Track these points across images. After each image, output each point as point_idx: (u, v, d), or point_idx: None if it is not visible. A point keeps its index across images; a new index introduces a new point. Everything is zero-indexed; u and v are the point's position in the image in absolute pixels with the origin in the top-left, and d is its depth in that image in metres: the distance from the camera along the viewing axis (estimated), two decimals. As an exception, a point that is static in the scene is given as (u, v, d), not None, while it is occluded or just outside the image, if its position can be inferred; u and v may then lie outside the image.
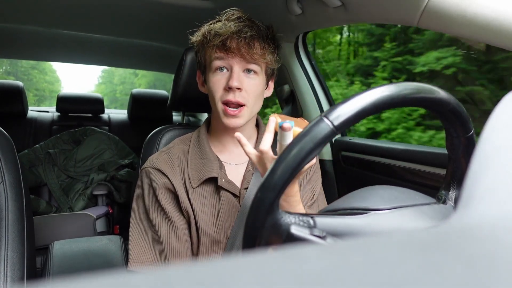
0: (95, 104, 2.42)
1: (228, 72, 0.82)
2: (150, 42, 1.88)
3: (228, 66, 0.82)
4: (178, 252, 0.83)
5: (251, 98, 0.83)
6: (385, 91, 0.43)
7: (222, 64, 0.82)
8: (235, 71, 0.81)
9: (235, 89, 0.80)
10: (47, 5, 1.36)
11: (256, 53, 0.81)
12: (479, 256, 0.15)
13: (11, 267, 0.83)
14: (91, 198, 2.04)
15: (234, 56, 0.80)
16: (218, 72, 0.82)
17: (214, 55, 0.82)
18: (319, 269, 0.14)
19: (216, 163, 0.87)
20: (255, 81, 0.83)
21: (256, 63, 0.82)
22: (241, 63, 0.81)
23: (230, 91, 0.81)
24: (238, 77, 0.81)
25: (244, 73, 0.82)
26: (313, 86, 1.43)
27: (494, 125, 0.25)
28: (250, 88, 0.82)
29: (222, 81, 0.82)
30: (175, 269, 0.14)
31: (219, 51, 0.81)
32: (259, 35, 0.82)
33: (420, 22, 0.78)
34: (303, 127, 0.44)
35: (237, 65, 0.81)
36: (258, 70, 0.84)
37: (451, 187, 0.56)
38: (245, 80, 0.82)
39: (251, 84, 0.83)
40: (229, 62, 0.81)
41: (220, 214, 0.84)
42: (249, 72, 0.83)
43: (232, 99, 0.80)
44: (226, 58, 0.81)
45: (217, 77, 0.82)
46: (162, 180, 0.85)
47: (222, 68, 0.82)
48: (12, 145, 0.93)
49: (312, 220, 0.46)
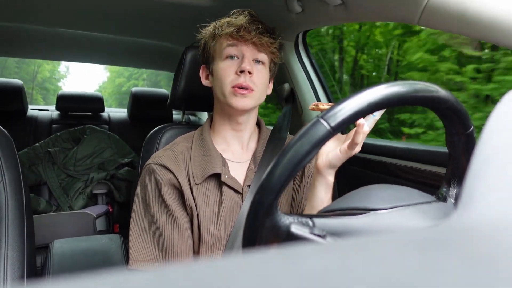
0: (95, 102, 2.42)
1: (238, 60, 0.87)
2: (150, 41, 1.88)
3: (240, 54, 0.86)
4: (180, 249, 0.83)
5: (259, 85, 0.87)
6: (382, 90, 0.43)
7: (234, 52, 0.86)
8: (247, 57, 0.86)
9: (246, 73, 0.84)
10: (48, 4, 1.36)
11: (267, 42, 0.86)
12: (479, 256, 0.15)
13: (11, 266, 0.83)
14: (91, 197, 2.04)
15: (246, 43, 0.86)
16: (228, 60, 0.87)
17: (226, 43, 0.86)
18: (319, 268, 0.14)
19: (219, 160, 0.88)
20: (262, 71, 0.89)
21: (265, 53, 0.88)
22: (252, 51, 0.87)
23: (241, 75, 0.85)
24: (250, 62, 0.86)
25: (254, 62, 0.87)
26: (313, 84, 1.43)
27: (494, 124, 0.25)
28: (258, 76, 0.87)
29: (233, 67, 0.86)
30: (175, 268, 0.14)
31: (231, 38, 0.86)
32: (267, 31, 0.88)
33: (420, 21, 0.78)
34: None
35: (248, 53, 0.86)
36: (265, 61, 0.89)
37: (452, 185, 0.56)
38: (255, 67, 0.87)
39: (260, 72, 0.88)
40: (241, 49, 0.86)
41: (222, 210, 0.85)
42: (258, 62, 0.88)
43: (243, 82, 0.84)
44: (239, 45, 0.86)
45: (227, 63, 0.87)
46: (167, 176, 0.85)
47: (233, 56, 0.87)
48: (12, 143, 0.93)
49: (311, 221, 0.45)
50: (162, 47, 1.98)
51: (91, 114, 2.45)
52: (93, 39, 1.86)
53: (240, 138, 0.93)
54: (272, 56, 0.90)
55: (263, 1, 1.16)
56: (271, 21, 0.89)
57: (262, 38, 0.86)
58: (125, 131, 2.44)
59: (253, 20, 0.87)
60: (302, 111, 1.45)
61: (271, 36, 0.88)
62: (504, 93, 0.29)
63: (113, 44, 2.00)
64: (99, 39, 1.86)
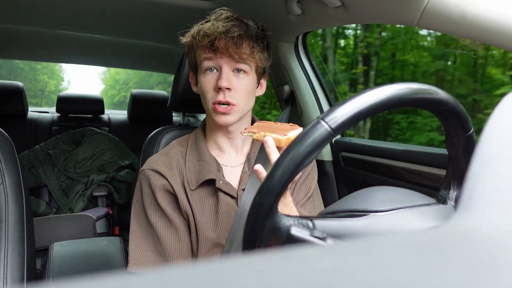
0: (95, 104, 2.42)
1: (217, 72, 0.83)
2: (150, 43, 1.88)
3: (217, 66, 0.82)
4: (178, 253, 0.83)
5: (241, 98, 0.83)
6: (383, 92, 0.43)
7: (211, 65, 0.82)
8: (224, 71, 0.81)
9: (224, 89, 0.81)
10: (47, 6, 1.37)
11: (244, 53, 0.81)
12: (479, 258, 0.15)
13: (11, 269, 0.83)
14: (91, 199, 2.04)
15: (222, 56, 0.81)
16: (208, 73, 0.83)
17: (203, 56, 0.82)
18: (320, 270, 0.14)
19: (214, 165, 0.87)
20: (244, 80, 0.84)
21: (245, 63, 0.83)
22: (230, 63, 0.82)
23: (220, 91, 0.81)
24: (227, 77, 0.81)
25: (234, 73, 0.83)
26: (313, 86, 1.43)
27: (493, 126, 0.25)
28: (239, 88, 0.83)
29: (212, 82, 0.82)
30: (174, 270, 0.14)
31: (207, 51, 0.81)
32: (247, 34, 0.82)
33: (420, 23, 0.78)
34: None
35: (226, 65, 0.82)
36: (247, 69, 0.84)
37: (452, 187, 0.56)
38: (234, 80, 0.83)
39: (241, 83, 0.83)
40: (218, 62, 0.82)
41: (219, 216, 0.84)
42: (239, 71, 0.83)
43: (221, 99, 0.81)
44: (214, 58, 0.81)
45: (207, 77, 0.83)
46: (161, 182, 0.85)
47: (212, 68, 0.83)
48: (12, 146, 0.93)
49: (311, 223, 0.45)
50: (162, 49, 1.98)
51: (91, 116, 2.45)
52: (93, 41, 1.86)
53: (234, 143, 0.92)
54: (255, 62, 0.84)
55: (262, 3, 1.16)
56: (270, 23, 0.88)
57: (240, 49, 0.80)
58: (125, 133, 2.44)
59: (231, 26, 0.80)
60: (302, 113, 1.45)
61: (252, 42, 0.82)
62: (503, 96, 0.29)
63: (113, 46, 2.01)
64: (99, 41, 1.87)
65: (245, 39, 0.81)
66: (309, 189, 0.94)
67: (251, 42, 0.82)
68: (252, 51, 0.82)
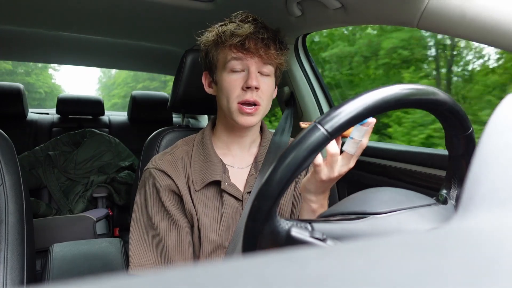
0: (95, 106, 2.42)
1: (244, 73, 0.83)
2: (150, 44, 1.88)
3: (245, 67, 0.83)
4: (180, 254, 0.82)
5: (265, 99, 0.84)
6: (379, 94, 0.43)
7: (239, 64, 0.82)
8: (253, 71, 0.82)
9: (253, 89, 0.81)
10: (47, 7, 1.37)
11: (273, 54, 0.82)
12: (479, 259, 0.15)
13: (11, 270, 0.83)
14: (91, 200, 2.04)
15: (252, 56, 0.81)
16: (234, 72, 0.83)
17: (231, 55, 0.82)
18: (320, 271, 0.14)
19: (220, 166, 0.86)
20: (269, 82, 0.85)
21: (271, 65, 0.84)
22: (258, 64, 0.82)
23: (247, 91, 0.81)
24: (256, 77, 0.82)
25: (259, 74, 0.84)
26: (313, 87, 1.43)
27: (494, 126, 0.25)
28: (265, 89, 0.84)
29: (239, 81, 0.82)
30: (175, 272, 0.14)
31: (236, 51, 0.81)
32: (274, 37, 0.83)
33: (419, 24, 0.78)
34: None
35: (253, 66, 0.82)
36: (271, 72, 0.85)
37: (452, 187, 0.56)
38: (261, 81, 0.83)
39: (266, 84, 0.84)
40: (246, 62, 0.82)
41: (223, 218, 0.84)
42: (263, 74, 0.84)
43: (250, 98, 0.81)
44: (244, 58, 0.82)
45: (233, 77, 0.83)
46: (166, 182, 0.84)
47: (238, 68, 0.83)
48: (12, 147, 0.93)
49: (310, 226, 0.45)
50: (162, 50, 1.98)
51: (91, 117, 2.46)
52: (93, 42, 1.86)
53: (242, 144, 0.91)
54: (278, 65, 0.86)
55: (263, 4, 1.17)
56: (270, 24, 0.89)
57: (269, 50, 0.81)
58: (125, 134, 2.44)
59: (259, 28, 0.82)
60: (302, 115, 1.45)
61: (278, 44, 0.84)
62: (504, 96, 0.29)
63: (113, 47, 2.01)
64: (99, 42, 1.87)
65: (272, 42, 0.83)
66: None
67: (277, 45, 0.84)
68: (278, 54, 0.84)
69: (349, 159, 0.69)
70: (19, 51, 2.08)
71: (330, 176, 0.68)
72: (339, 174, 0.69)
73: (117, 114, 2.76)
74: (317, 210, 0.73)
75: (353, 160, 0.69)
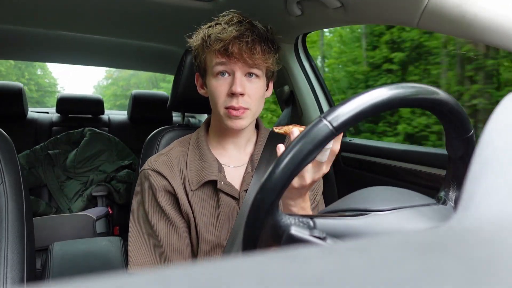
0: (95, 105, 2.42)
1: (229, 77, 0.81)
2: (150, 43, 1.88)
3: (230, 71, 0.81)
4: (178, 254, 0.83)
5: (254, 102, 0.83)
6: (384, 92, 0.43)
7: (224, 69, 0.81)
8: (237, 77, 0.80)
9: (238, 95, 0.80)
10: (47, 6, 1.37)
11: (258, 57, 0.80)
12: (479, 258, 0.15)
13: (11, 268, 0.83)
14: (91, 199, 2.04)
15: (236, 61, 0.80)
16: (219, 77, 0.82)
17: (215, 60, 0.81)
18: (319, 270, 0.14)
19: (216, 165, 0.86)
20: (257, 84, 0.83)
21: (257, 67, 0.82)
22: (243, 68, 0.81)
23: (233, 97, 0.80)
24: (241, 82, 0.80)
25: (246, 77, 0.82)
26: (313, 87, 1.43)
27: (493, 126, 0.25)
28: (252, 92, 0.82)
29: (224, 86, 0.81)
30: (174, 270, 0.14)
31: (220, 56, 0.80)
32: (260, 38, 0.81)
33: (419, 23, 0.78)
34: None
35: (239, 70, 0.80)
36: (259, 74, 0.83)
37: (451, 188, 0.56)
38: (247, 85, 0.82)
39: (253, 88, 0.82)
40: (231, 67, 0.80)
41: (220, 217, 0.84)
42: (251, 76, 0.82)
43: (235, 105, 0.80)
44: (228, 63, 0.80)
45: (219, 82, 0.82)
46: (161, 183, 0.84)
47: (224, 73, 0.81)
48: (12, 146, 0.93)
49: (311, 221, 0.46)
50: (162, 50, 1.98)
51: (91, 116, 2.46)
52: (93, 41, 1.86)
53: (237, 143, 0.91)
54: (267, 67, 0.84)
55: (262, 4, 1.17)
56: (270, 23, 0.88)
57: (253, 55, 0.79)
58: (125, 133, 2.44)
59: (244, 31, 0.79)
60: (302, 113, 1.45)
61: (265, 46, 0.81)
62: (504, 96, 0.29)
63: (113, 47, 2.01)
64: (99, 41, 1.87)
65: (258, 44, 0.80)
66: (316, 196, 0.93)
67: (264, 46, 0.81)
68: (264, 56, 0.81)
69: (321, 166, 0.65)
70: (19, 51, 2.08)
71: (303, 184, 0.65)
72: (313, 181, 0.66)
73: (117, 113, 2.76)
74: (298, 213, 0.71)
75: (326, 165, 0.66)
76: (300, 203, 0.70)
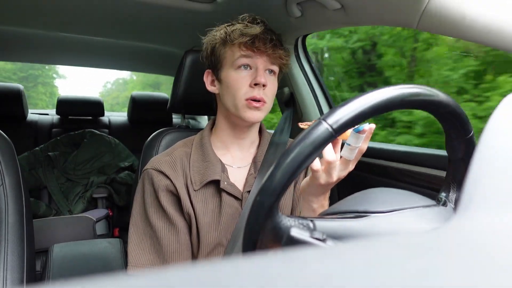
0: (95, 107, 2.42)
1: (251, 71, 0.85)
2: (150, 45, 1.88)
3: (253, 65, 0.85)
4: (178, 255, 0.83)
5: (270, 97, 0.87)
6: (384, 93, 0.43)
7: (247, 62, 0.84)
8: (261, 69, 0.84)
9: (261, 86, 0.83)
10: (48, 8, 1.37)
11: (281, 54, 0.86)
12: (479, 259, 0.15)
13: (11, 270, 0.83)
14: (91, 200, 2.04)
15: (261, 55, 0.84)
16: (241, 69, 0.85)
17: (240, 53, 0.84)
18: (320, 271, 0.14)
19: (219, 165, 0.87)
20: (274, 81, 0.88)
21: (277, 64, 0.87)
22: (265, 63, 0.85)
23: (255, 88, 0.83)
24: (264, 75, 0.85)
25: (266, 73, 0.86)
26: (313, 88, 1.43)
27: (493, 128, 0.25)
28: (270, 87, 0.86)
29: (246, 79, 0.84)
30: (174, 271, 0.14)
31: (246, 49, 0.83)
32: (279, 40, 0.87)
33: (419, 25, 0.79)
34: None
35: (261, 65, 0.85)
36: (276, 72, 0.88)
37: (451, 189, 0.56)
38: (267, 79, 0.86)
39: (271, 83, 0.87)
40: (255, 60, 0.84)
41: (222, 217, 0.84)
42: (270, 72, 0.87)
43: (257, 95, 0.83)
44: (253, 56, 0.84)
45: (240, 74, 0.85)
46: (164, 182, 0.84)
47: (246, 66, 0.85)
48: (12, 148, 0.93)
49: (311, 223, 0.45)
50: (162, 51, 1.99)
51: (91, 118, 2.46)
52: (93, 43, 1.86)
53: (242, 145, 0.92)
54: (283, 66, 0.89)
55: (262, 5, 1.17)
56: (270, 25, 0.89)
57: (276, 50, 0.84)
58: (125, 135, 2.44)
59: (267, 30, 0.85)
60: (302, 115, 1.45)
61: (283, 47, 0.87)
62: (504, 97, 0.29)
63: (113, 48, 2.01)
64: (100, 43, 1.87)
65: (278, 44, 0.86)
66: None
67: (283, 47, 0.87)
68: (284, 55, 0.87)
69: (348, 164, 0.68)
70: (19, 52, 2.09)
71: (329, 181, 0.68)
72: (338, 178, 0.69)
73: (117, 115, 2.76)
74: (317, 210, 0.73)
75: (353, 163, 0.69)
76: (321, 200, 0.73)
